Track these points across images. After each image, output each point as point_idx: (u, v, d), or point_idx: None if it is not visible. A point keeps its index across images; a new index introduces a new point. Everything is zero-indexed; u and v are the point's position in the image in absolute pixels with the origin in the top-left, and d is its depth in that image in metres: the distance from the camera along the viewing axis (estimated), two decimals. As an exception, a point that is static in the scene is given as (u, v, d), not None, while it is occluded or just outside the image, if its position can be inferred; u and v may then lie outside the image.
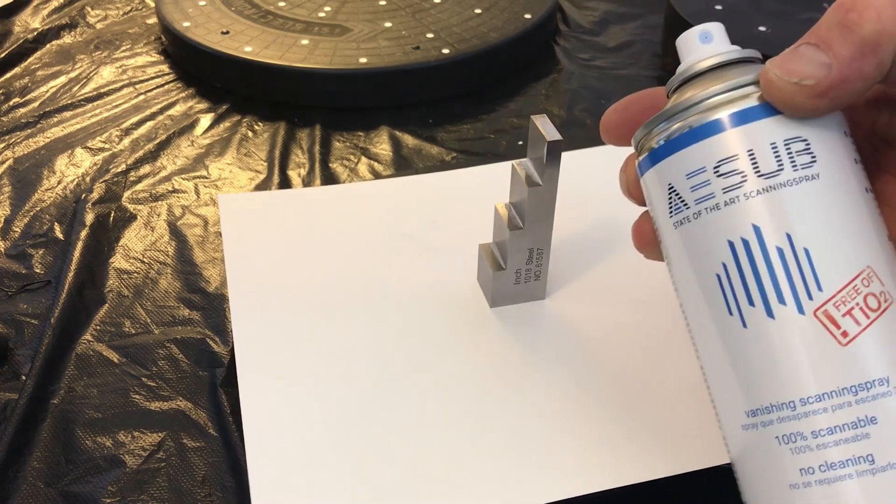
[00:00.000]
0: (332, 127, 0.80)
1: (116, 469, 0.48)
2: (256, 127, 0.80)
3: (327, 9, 0.92)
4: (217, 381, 0.53)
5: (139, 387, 0.53)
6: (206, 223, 0.67)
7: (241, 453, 0.48)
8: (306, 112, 0.82)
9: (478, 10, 0.93)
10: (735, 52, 0.32)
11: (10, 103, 0.84)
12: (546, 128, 0.44)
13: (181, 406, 0.52)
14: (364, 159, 0.75)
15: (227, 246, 0.54)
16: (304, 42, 0.85)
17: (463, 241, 0.54)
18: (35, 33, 0.96)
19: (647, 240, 0.35)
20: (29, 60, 0.92)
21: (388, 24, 0.90)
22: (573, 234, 0.55)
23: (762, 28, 0.83)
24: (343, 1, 0.95)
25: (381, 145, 0.77)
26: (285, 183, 0.72)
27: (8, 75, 0.89)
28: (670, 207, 0.32)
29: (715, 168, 0.30)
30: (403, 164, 0.74)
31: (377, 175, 0.73)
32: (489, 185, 0.59)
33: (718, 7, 0.87)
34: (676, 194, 0.31)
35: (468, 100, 0.85)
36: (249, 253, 0.53)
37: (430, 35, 0.88)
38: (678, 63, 0.33)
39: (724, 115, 0.30)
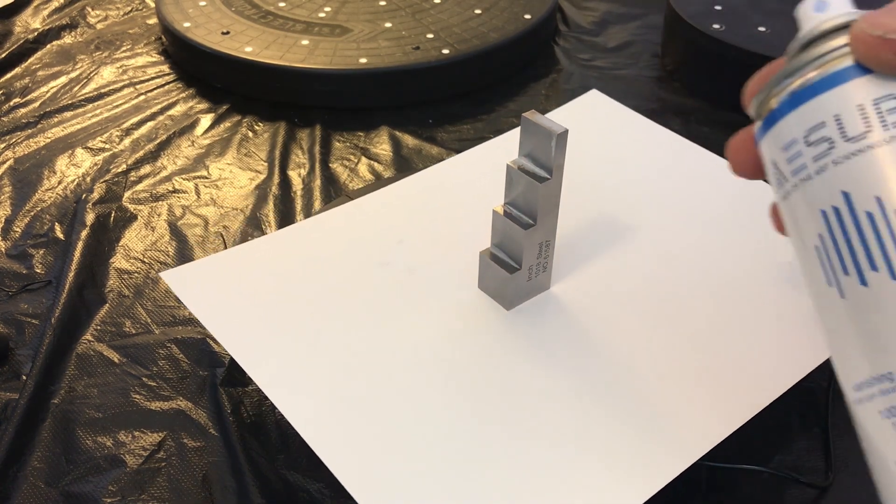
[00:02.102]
0: (333, 127, 0.80)
1: (117, 469, 0.48)
2: (257, 127, 0.80)
3: (327, 9, 0.93)
4: (217, 381, 0.53)
5: (139, 387, 0.53)
6: (207, 223, 0.67)
7: (241, 453, 0.48)
8: (306, 112, 0.82)
9: (478, 11, 0.93)
10: (844, 15, 0.30)
11: (11, 103, 0.84)
12: (545, 122, 0.44)
13: (181, 406, 0.52)
14: (364, 159, 0.76)
15: (201, 315, 0.48)
16: (305, 42, 0.85)
17: (441, 255, 0.53)
18: (36, 33, 0.96)
19: (782, 223, 0.33)
20: (29, 61, 0.92)
21: (388, 25, 0.90)
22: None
23: (762, 28, 0.83)
24: (343, 1, 0.95)
25: (381, 145, 0.77)
26: (286, 183, 0.72)
27: (8, 75, 0.89)
28: (776, 183, 0.31)
29: (805, 137, 0.29)
30: (403, 164, 0.74)
31: (377, 175, 0.73)
32: (430, 192, 0.59)
33: (718, 7, 0.87)
34: (778, 169, 0.30)
35: (468, 100, 0.85)
36: (229, 315, 0.48)
37: (430, 35, 0.88)
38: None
39: (813, 81, 0.29)
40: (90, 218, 0.67)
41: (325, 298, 0.50)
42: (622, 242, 0.54)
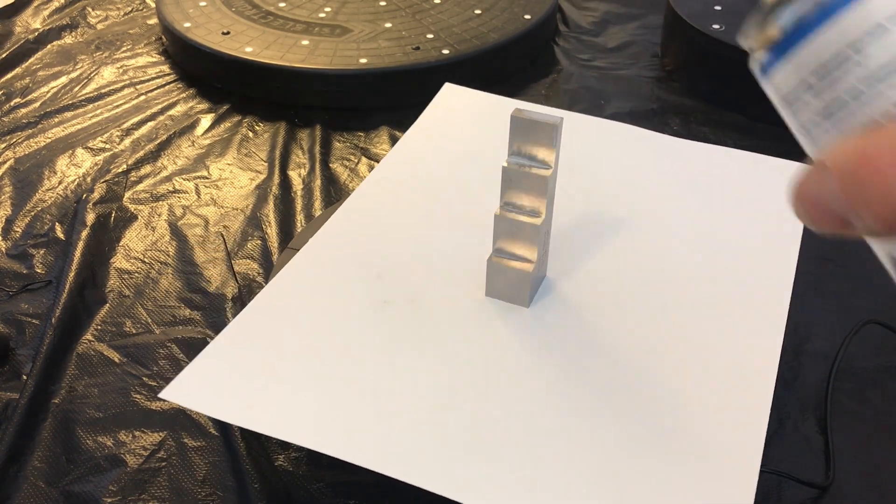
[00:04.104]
0: (333, 127, 0.80)
1: (117, 468, 0.48)
2: (257, 127, 0.80)
3: (327, 9, 0.93)
4: (218, 381, 0.53)
5: (140, 386, 0.53)
6: (207, 223, 0.67)
7: (241, 453, 0.48)
8: (307, 112, 0.82)
9: (478, 11, 0.93)
10: None
11: (12, 103, 0.84)
12: (539, 116, 0.44)
13: (182, 406, 0.52)
14: (364, 159, 0.76)
15: (234, 419, 0.43)
16: (305, 42, 0.85)
17: (428, 276, 0.52)
18: (36, 34, 0.96)
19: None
20: (30, 61, 0.92)
21: (388, 25, 0.90)
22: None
23: (762, 28, 0.83)
24: (343, 2, 0.95)
25: (381, 145, 0.77)
26: (286, 183, 0.72)
27: (9, 76, 0.89)
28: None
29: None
30: (404, 165, 0.75)
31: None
32: (374, 212, 0.56)
33: (718, 7, 0.87)
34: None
35: (468, 100, 0.85)
36: (259, 406, 0.44)
37: (430, 35, 0.88)
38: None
39: None
40: (90, 218, 0.67)
41: (342, 354, 0.46)
42: (583, 222, 0.56)
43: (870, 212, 0.21)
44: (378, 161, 0.75)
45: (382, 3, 0.95)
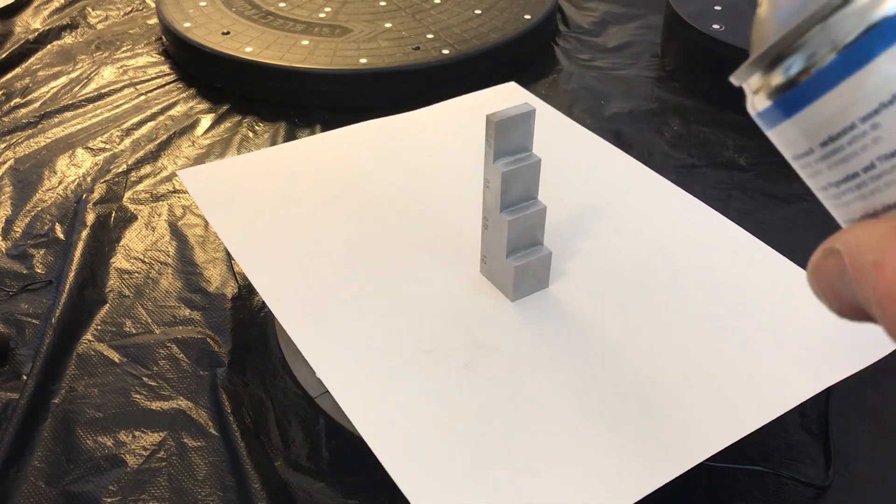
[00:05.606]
0: (333, 127, 0.80)
1: (117, 468, 0.48)
2: (257, 127, 0.80)
3: (328, 9, 0.93)
4: (218, 381, 0.53)
5: (140, 386, 0.53)
6: (207, 223, 0.67)
7: (241, 453, 0.48)
8: (306, 112, 0.82)
9: (478, 11, 0.93)
10: None
11: (12, 104, 0.84)
12: (515, 110, 0.45)
13: (182, 406, 0.52)
14: (364, 159, 0.76)
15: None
16: (305, 43, 0.85)
17: (456, 320, 0.49)
18: (36, 34, 0.96)
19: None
20: (30, 61, 0.92)
21: (388, 25, 0.90)
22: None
23: (762, 28, 0.83)
24: (343, 2, 0.95)
25: (382, 145, 0.77)
26: (286, 183, 0.72)
27: (9, 76, 0.89)
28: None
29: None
30: (404, 165, 0.75)
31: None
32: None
33: (718, 7, 0.87)
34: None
35: (468, 100, 0.85)
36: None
37: (430, 35, 0.88)
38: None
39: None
40: (90, 218, 0.67)
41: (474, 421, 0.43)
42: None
43: (884, 320, 0.16)
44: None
45: (382, 3, 0.95)
